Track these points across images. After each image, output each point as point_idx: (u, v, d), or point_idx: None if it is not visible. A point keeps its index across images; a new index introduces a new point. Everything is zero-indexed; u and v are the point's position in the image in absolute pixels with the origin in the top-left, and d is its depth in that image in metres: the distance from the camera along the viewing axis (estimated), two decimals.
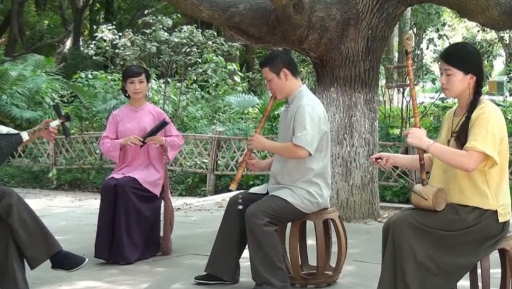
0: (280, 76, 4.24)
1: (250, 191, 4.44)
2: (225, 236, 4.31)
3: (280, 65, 4.24)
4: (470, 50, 3.38)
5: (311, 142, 4.09)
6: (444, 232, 3.23)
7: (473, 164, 3.18)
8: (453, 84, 3.33)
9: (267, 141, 4.35)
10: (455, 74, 3.31)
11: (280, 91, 4.28)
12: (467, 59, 3.32)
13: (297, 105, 4.20)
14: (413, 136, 3.29)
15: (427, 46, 11.59)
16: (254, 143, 4.26)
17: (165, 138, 5.39)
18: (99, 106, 12.85)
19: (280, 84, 4.26)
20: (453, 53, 3.35)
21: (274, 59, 4.27)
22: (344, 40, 6.73)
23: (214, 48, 12.77)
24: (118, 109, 5.74)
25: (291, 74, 4.26)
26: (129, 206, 5.12)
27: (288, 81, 4.26)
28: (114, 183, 5.16)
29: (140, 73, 5.42)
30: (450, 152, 3.25)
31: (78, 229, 6.84)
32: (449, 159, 3.23)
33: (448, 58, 3.34)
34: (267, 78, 4.28)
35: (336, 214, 4.42)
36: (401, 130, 10.50)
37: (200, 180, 10.81)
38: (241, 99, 13.98)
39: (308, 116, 4.11)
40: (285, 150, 4.17)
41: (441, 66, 3.38)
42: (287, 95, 4.31)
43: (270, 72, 4.25)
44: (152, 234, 5.34)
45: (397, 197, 8.85)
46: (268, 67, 4.26)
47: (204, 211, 8.21)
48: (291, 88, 4.28)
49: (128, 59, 12.14)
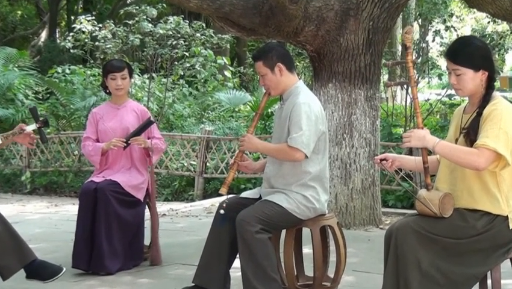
0: (274, 71, 4.24)
1: (241, 195, 4.44)
2: (214, 245, 4.30)
3: (275, 60, 4.24)
4: (477, 45, 3.38)
5: (307, 144, 4.09)
6: (451, 239, 3.24)
7: (484, 163, 3.19)
8: (465, 83, 3.34)
9: (259, 141, 4.35)
10: (466, 73, 3.32)
11: (274, 87, 4.29)
12: (476, 56, 3.33)
13: (292, 102, 4.20)
14: (415, 138, 3.29)
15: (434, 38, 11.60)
16: (246, 144, 4.26)
17: (150, 140, 5.39)
18: (77, 104, 12.82)
19: (274, 80, 4.26)
20: (460, 51, 3.35)
21: (269, 52, 4.27)
22: (343, 32, 6.75)
23: (203, 41, 12.76)
24: (98, 107, 5.73)
25: (286, 69, 4.27)
26: (110, 212, 5.11)
27: (283, 77, 4.26)
28: (94, 187, 5.16)
29: (122, 67, 5.41)
30: (459, 150, 3.26)
31: (54, 237, 6.83)
32: (458, 157, 3.24)
33: (455, 57, 3.34)
34: (261, 73, 4.28)
35: (334, 220, 4.42)
36: (405, 129, 10.54)
37: (188, 184, 10.81)
38: (232, 96, 13.98)
39: (304, 115, 4.11)
40: (280, 152, 4.18)
41: (449, 66, 3.38)
42: (281, 91, 4.31)
43: (264, 67, 4.25)
44: (135, 242, 5.34)
45: (400, 202, 8.88)
46: (262, 61, 4.26)
47: (192, 217, 8.21)
48: (286, 84, 4.28)
49: (108, 52, 12.11)
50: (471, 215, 3.28)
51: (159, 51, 12.18)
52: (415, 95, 3.47)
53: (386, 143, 9.26)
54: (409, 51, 3.44)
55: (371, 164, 6.89)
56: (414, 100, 3.48)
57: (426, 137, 3.29)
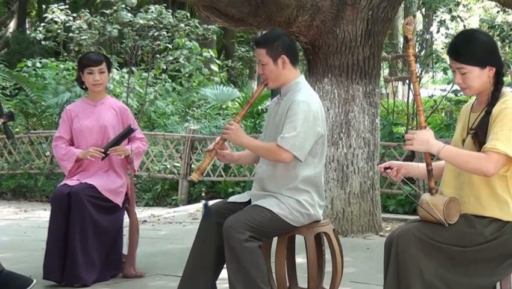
0: (277, 63, 4.23)
1: (229, 200, 4.43)
2: (200, 254, 4.29)
3: (280, 50, 4.22)
4: (481, 40, 3.37)
5: (300, 147, 4.07)
6: (457, 247, 3.25)
7: (493, 168, 3.19)
8: (471, 82, 3.34)
9: (246, 136, 4.29)
10: (471, 72, 3.32)
11: (274, 79, 4.27)
12: (480, 52, 3.32)
13: (291, 99, 4.19)
14: (418, 141, 3.28)
15: (438, 29, 11.65)
16: (231, 134, 4.21)
17: (130, 148, 5.38)
18: (49, 100, 12.78)
19: (275, 72, 4.25)
20: (463, 48, 3.34)
21: (275, 41, 4.24)
22: (340, 22, 6.76)
23: (187, 32, 12.76)
24: (73, 104, 5.73)
25: (290, 62, 4.25)
26: (85, 218, 5.10)
27: (286, 70, 4.25)
28: (68, 191, 5.14)
29: (100, 61, 5.40)
30: (465, 155, 3.26)
31: (23, 246, 6.80)
32: (465, 162, 3.24)
33: (458, 55, 3.34)
34: (262, 61, 4.26)
35: (330, 227, 4.43)
36: (407, 128, 10.57)
37: (171, 187, 10.80)
38: (219, 92, 13.98)
39: (302, 114, 4.10)
40: (267, 151, 4.15)
41: (452, 65, 3.38)
42: (280, 85, 4.30)
43: (267, 56, 4.23)
44: (113, 251, 5.32)
45: (401, 206, 8.90)
46: (265, 49, 4.24)
47: (175, 223, 8.20)
48: (287, 77, 4.27)
49: (84, 44, 12.09)
50: (478, 221, 3.28)
51: (139, 43, 12.17)
52: (417, 91, 3.47)
53: (386, 143, 9.28)
54: (411, 43, 3.45)
55: (370, 166, 6.91)
56: (415, 97, 3.49)
57: (430, 141, 3.28)
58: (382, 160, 8.80)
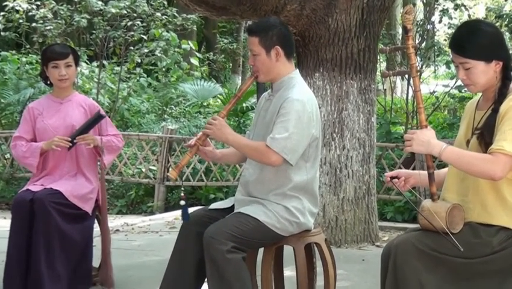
0: (270, 54, 4.23)
1: (210, 207, 4.43)
2: (178, 267, 4.28)
3: (275, 41, 4.23)
4: (486, 31, 3.38)
5: (291, 150, 4.06)
6: (460, 259, 3.25)
7: (501, 171, 3.20)
8: (476, 78, 3.35)
9: (231, 132, 4.27)
10: (476, 66, 3.33)
11: (265, 71, 4.27)
12: (485, 44, 3.33)
13: (284, 96, 4.19)
14: (418, 142, 3.29)
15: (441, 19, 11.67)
16: (214, 130, 4.20)
17: (100, 137, 5.36)
18: (9, 97, 12.75)
19: (267, 63, 4.25)
20: (466, 41, 3.35)
21: (269, 30, 4.24)
22: (333, 11, 6.76)
23: (164, 21, 12.75)
24: (36, 101, 5.70)
25: (284, 54, 4.26)
26: (50, 228, 5.07)
27: (279, 63, 4.25)
28: (30, 198, 5.11)
29: (66, 54, 5.38)
30: (470, 157, 3.26)
31: None
32: (469, 165, 3.24)
33: (461, 49, 3.35)
34: (253, 51, 4.26)
35: (322, 237, 4.43)
36: (406, 128, 10.60)
37: (146, 193, 10.78)
38: (200, 88, 14.00)
39: (295, 115, 4.09)
40: (254, 151, 4.14)
41: (455, 59, 3.39)
42: (272, 79, 4.30)
43: (259, 45, 4.23)
44: (82, 264, 5.30)
45: (400, 214, 8.93)
46: (258, 38, 4.24)
47: (151, 233, 8.18)
48: (280, 71, 4.27)
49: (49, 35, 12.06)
50: (485, 230, 3.29)
51: (111, 34, 12.14)
52: (417, 87, 3.48)
53: (383, 144, 9.31)
54: (410, 34, 3.45)
55: (366, 169, 6.92)
56: (415, 93, 3.49)
57: (431, 142, 3.28)
58: (379, 162, 8.83)
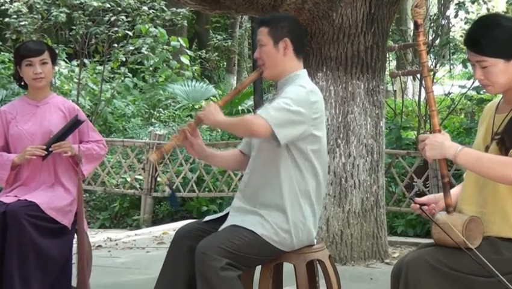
0: (278, 46, 4.26)
1: (204, 220, 4.42)
2: (168, 286, 4.28)
3: (285, 32, 4.27)
4: (504, 26, 3.37)
5: (279, 123, 4.01)
6: (479, 277, 3.25)
7: None
8: (494, 77, 3.35)
9: (223, 115, 4.25)
10: (494, 65, 3.33)
11: (271, 65, 4.29)
12: (503, 40, 3.33)
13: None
14: (430, 146, 3.28)
15: (457, 13, 11.69)
16: (206, 113, 4.21)
17: (78, 145, 5.35)
18: None
19: (273, 56, 4.28)
20: (483, 38, 3.34)
21: (280, 21, 4.31)
22: (337, 5, 6.77)
23: (151, 16, 12.76)
24: (9, 104, 5.68)
25: (293, 50, 4.29)
26: (24, 243, 5.05)
27: (286, 57, 4.28)
28: (3, 211, 5.09)
29: (41, 50, 5.37)
30: (489, 160, 3.26)
31: None
32: (487, 169, 3.24)
33: (477, 46, 3.35)
34: (260, 42, 4.30)
35: (326, 253, 4.43)
36: (418, 133, 10.61)
37: (132, 205, 10.78)
38: (191, 89, 14.02)
39: (294, 95, 4.09)
40: (241, 121, 4.10)
41: (471, 57, 3.39)
42: (277, 75, 4.33)
43: (268, 35, 4.28)
44: (60, 283, 5.28)
45: (412, 228, 8.93)
46: (268, 28, 4.29)
47: (137, 249, 8.18)
48: (285, 68, 4.30)
49: (23, 31, 12.07)
50: (506, 245, 3.29)
51: (92, 30, 12.15)
52: (429, 87, 3.46)
53: (393, 151, 9.31)
54: (421, 30, 3.45)
55: (374, 179, 6.92)
56: (428, 95, 3.48)
57: (445, 144, 3.27)
58: (388, 171, 8.82)
